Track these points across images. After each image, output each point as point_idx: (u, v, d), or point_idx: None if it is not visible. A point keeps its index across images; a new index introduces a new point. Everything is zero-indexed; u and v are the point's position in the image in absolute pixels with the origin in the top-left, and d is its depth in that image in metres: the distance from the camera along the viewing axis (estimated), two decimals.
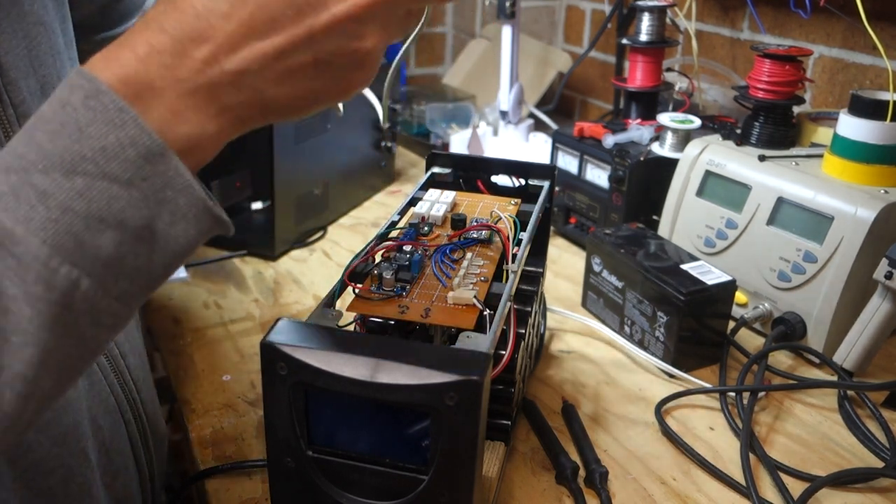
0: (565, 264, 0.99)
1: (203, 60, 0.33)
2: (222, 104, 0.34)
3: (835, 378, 0.73)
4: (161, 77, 0.33)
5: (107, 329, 0.34)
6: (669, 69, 1.13)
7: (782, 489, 0.59)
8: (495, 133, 1.30)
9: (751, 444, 0.64)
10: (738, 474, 0.61)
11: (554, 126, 1.32)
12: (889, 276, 0.67)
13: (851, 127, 0.75)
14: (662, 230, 0.91)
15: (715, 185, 0.86)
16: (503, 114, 1.26)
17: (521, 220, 0.59)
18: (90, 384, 0.54)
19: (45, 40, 0.50)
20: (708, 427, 0.68)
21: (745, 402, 0.69)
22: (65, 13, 0.53)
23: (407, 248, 0.54)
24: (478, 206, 0.63)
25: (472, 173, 0.69)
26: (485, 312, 0.48)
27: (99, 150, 0.31)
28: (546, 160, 1.08)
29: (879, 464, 0.63)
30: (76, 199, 0.31)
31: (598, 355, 0.79)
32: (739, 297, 0.83)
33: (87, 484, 0.53)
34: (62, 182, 0.31)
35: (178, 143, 0.33)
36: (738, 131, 0.89)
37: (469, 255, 0.55)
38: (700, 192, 0.87)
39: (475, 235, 0.57)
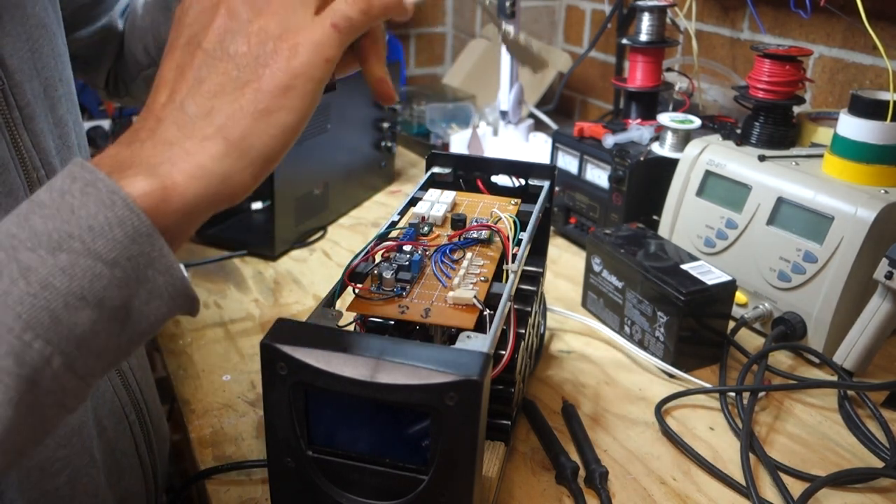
0: (565, 264, 0.99)
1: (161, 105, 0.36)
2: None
3: (835, 378, 0.73)
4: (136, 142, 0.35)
5: (65, 411, 0.33)
6: (669, 69, 1.13)
7: (782, 489, 0.59)
8: (495, 133, 1.30)
9: (751, 444, 0.64)
10: (738, 474, 0.61)
11: (554, 126, 1.32)
12: (889, 276, 0.67)
13: (851, 127, 0.75)
14: (662, 230, 0.91)
15: (715, 185, 0.86)
16: (503, 114, 1.26)
17: (521, 220, 0.59)
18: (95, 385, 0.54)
19: (47, 42, 0.50)
20: (708, 427, 0.68)
21: (745, 402, 0.69)
22: (59, 14, 0.53)
23: (407, 248, 0.54)
24: (478, 206, 0.63)
25: (472, 173, 0.69)
26: (485, 312, 0.48)
27: (87, 228, 0.31)
28: (546, 160, 1.08)
29: (879, 464, 0.63)
30: (58, 276, 0.31)
31: (598, 355, 0.79)
32: (739, 297, 0.83)
33: (93, 484, 0.53)
34: (46, 258, 0.31)
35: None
36: (738, 131, 0.89)
37: (469, 255, 0.55)
38: (700, 192, 0.87)
39: (475, 235, 0.57)
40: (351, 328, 0.51)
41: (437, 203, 0.61)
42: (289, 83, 0.36)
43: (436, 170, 0.69)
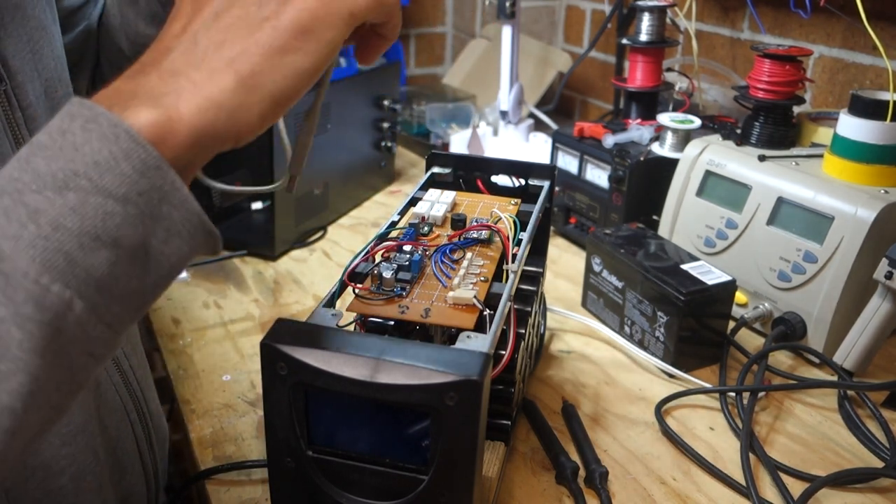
0: (565, 264, 0.99)
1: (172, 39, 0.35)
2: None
3: (835, 378, 0.73)
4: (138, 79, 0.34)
5: (94, 361, 0.32)
6: (669, 69, 1.13)
7: (782, 489, 0.59)
8: (495, 133, 1.30)
9: (751, 444, 0.64)
10: (738, 474, 0.61)
11: (554, 126, 1.32)
12: (889, 276, 0.67)
13: (851, 127, 0.75)
14: (662, 230, 0.91)
15: (715, 185, 0.86)
16: (503, 114, 1.26)
17: (521, 220, 0.59)
18: (96, 384, 0.54)
19: (47, 44, 0.50)
20: (708, 427, 0.68)
21: (745, 402, 0.69)
22: (56, 17, 0.53)
23: (407, 248, 0.54)
24: (478, 206, 0.63)
25: (472, 173, 0.69)
26: (485, 312, 0.48)
27: (92, 164, 0.30)
28: (546, 160, 1.08)
29: (879, 464, 0.63)
30: (69, 216, 0.29)
31: (598, 355, 0.79)
32: (739, 297, 0.83)
33: (97, 483, 0.53)
34: (54, 199, 0.29)
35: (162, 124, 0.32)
36: (738, 131, 0.89)
37: (469, 255, 0.55)
38: (700, 192, 0.87)
39: (475, 235, 0.57)
40: (351, 328, 0.51)
41: (437, 203, 0.61)
42: (309, 25, 0.35)
43: (436, 170, 0.69)
